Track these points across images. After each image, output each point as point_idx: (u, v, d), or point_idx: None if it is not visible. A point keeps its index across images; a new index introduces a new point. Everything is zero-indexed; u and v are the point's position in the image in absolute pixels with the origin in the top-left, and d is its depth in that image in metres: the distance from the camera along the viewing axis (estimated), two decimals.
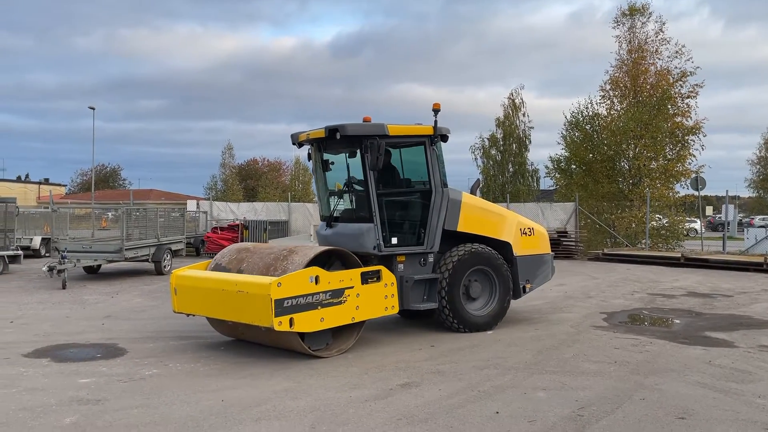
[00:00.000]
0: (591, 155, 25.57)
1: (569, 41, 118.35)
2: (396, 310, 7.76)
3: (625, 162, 25.54)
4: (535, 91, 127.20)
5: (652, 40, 26.40)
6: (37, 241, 22.25)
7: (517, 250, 9.21)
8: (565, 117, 26.64)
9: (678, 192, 26.18)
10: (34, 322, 9.62)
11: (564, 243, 22.57)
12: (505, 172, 39.61)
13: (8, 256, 16.87)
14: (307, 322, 6.68)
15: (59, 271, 13.64)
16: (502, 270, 8.83)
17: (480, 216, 8.97)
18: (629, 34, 26.87)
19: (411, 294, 8.10)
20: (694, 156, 25.21)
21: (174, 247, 17.99)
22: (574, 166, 26.85)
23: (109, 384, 6.12)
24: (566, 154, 26.74)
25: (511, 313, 10.20)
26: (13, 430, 4.84)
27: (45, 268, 14.14)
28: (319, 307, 6.78)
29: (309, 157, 9.11)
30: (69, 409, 5.32)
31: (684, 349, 7.66)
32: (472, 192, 9.92)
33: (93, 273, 16.32)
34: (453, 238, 8.63)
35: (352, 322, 7.24)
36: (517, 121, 39.74)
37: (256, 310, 6.56)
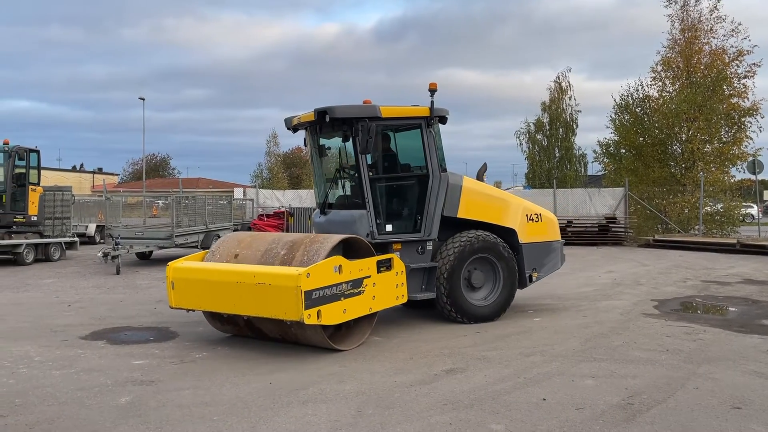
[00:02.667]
0: (641, 139, 24.87)
1: (619, 21, 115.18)
2: (405, 299, 7.45)
3: (677, 145, 24.75)
4: (584, 74, 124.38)
5: (707, 19, 25.39)
6: (92, 229, 23.04)
7: (523, 237, 8.80)
8: (614, 100, 25.96)
9: (734, 176, 25.28)
10: (90, 305, 9.99)
11: (613, 229, 22.10)
12: (552, 158, 38.89)
13: (65, 243, 17.53)
14: (333, 314, 6.39)
15: (113, 257, 14.10)
16: (506, 258, 8.42)
17: (482, 201, 8.58)
18: (682, 13, 25.88)
19: (409, 283, 7.64)
20: (751, 138, 24.25)
21: (222, 234, 18.35)
22: (624, 151, 26.19)
23: (162, 366, 6.30)
24: (615, 138, 26.08)
25: (557, 300, 10.07)
26: (72, 408, 5.04)
27: (100, 254, 14.66)
28: (342, 298, 6.48)
29: (305, 142, 8.84)
30: (124, 390, 5.50)
31: (740, 337, 7.40)
32: (479, 177, 9.52)
33: (145, 259, 16.83)
34: (454, 225, 8.30)
35: (369, 313, 6.96)
36: (564, 105, 38.93)
37: (282, 303, 6.17)
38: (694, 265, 15.22)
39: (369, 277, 6.81)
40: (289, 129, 8.60)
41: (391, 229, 7.86)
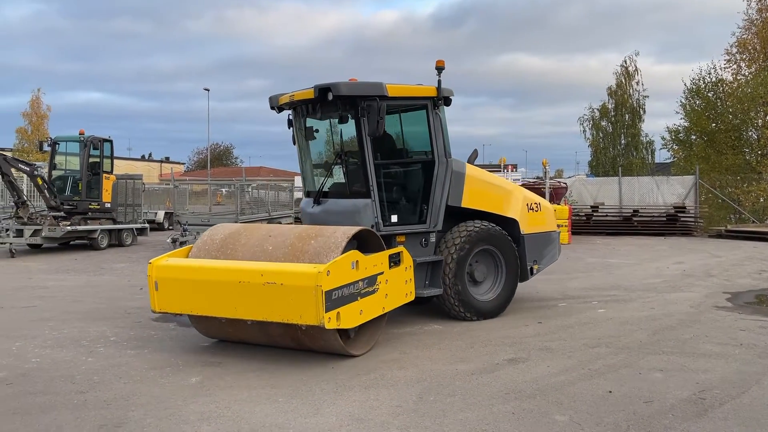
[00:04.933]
0: (714, 125, 23.85)
1: (691, 1, 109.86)
2: (413, 296, 6.75)
3: (753, 131, 23.62)
4: (653, 57, 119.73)
5: None
6: (160, 215, 23.92)
7: (525, 228, 8.28)
8: (685, 84, 24.94)
9: None
10: None
11: (682, 219, 21.27)
12: (617, 145, 37.79)
13: (136, 229, 18.27)
14: (351, 315, 5.66)
15: (181, 243, 14.62)
16: (509, 250, 7.93)
17: (485, 190, 8.03)
18: None
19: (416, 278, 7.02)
20: None
21: (284, 221, 18.72)
22: (695, 137, 25.18)
23: (228, 349, 6.48)
24: (686, 123, 25.13)
25: (623, 292, 9.80)
26: (146, 386, 5.27)
27: (169, 240, 15.24)
28: (359, 298, 5.75)
29: (289, 124, 7.93)
30: (193, 370, 5.71)
31: None
32: (469, 163, 8.85)
33: None
34: (453, 215, 7.69)
35: (382, 313, 6.24)
36: (631, 90, 37.73)
37: (297, 305, 5.35)
38: None
39: (382, 273, 6.12)
40: (273, 108, 7.81)
41: (396, 220, 7.26)
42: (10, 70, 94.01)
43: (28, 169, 16.16)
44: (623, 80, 37.86)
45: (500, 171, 23.92)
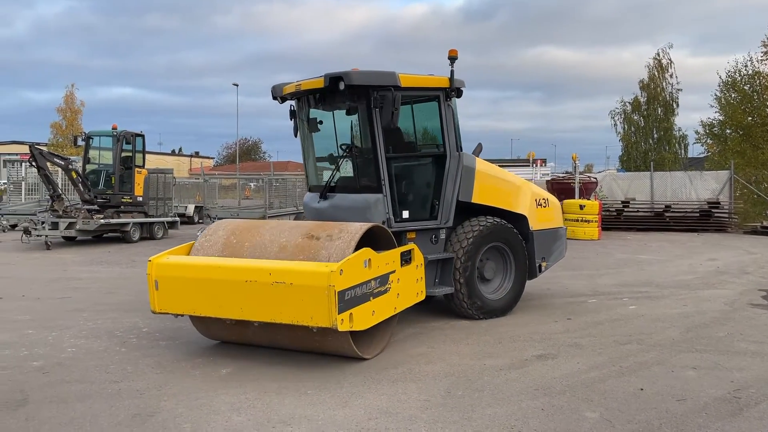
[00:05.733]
0: (750, 118, 23.28)
1: None
2: (424, 295, 6.53)
3: None
4: (687, 49, 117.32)
5: None
6: (191, 209, 24.24)
7: (533, 224, 8.06)
8: (720, 77, 24.38)
9: None
10: None
11: (716, 215, 20.81)
12: (649, 139, 37.16)
13: (167, 222, 18.55)
14: (363, 316, 5.40)
15: None
16: (518, 247, 7.71)
17: (495, 185, 7.79)
18: None
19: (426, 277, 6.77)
20: None
21: None
22: (730, 131, 24.63)
23: None
24: (721, 117, 24.56)
25: (654, 288, 9.64)
26: (177, 377, 5.36)
27: (199, 233, 15.43)
28: (371, 298, 5.50)
29: (291, 115, 7.63)
30: (224, 362, 5.79)
31: None
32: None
33: None
34: (460, 211, 7.44)
35: (394, 313, 5.99)
36: (664, 83, 37.02)
37: (308, 306, 5.10)
38: None
39: (394, 272, 5.87)
40: (275, 98, 7.51)
41: (407, 216, 7.00)
42: (45, 66, 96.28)
43: (63, 163, 16.51)
44: (656, 73, 37.16)
45: (529, 165, 23.69)
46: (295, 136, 7.73)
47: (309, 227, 6.04)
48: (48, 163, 15.93)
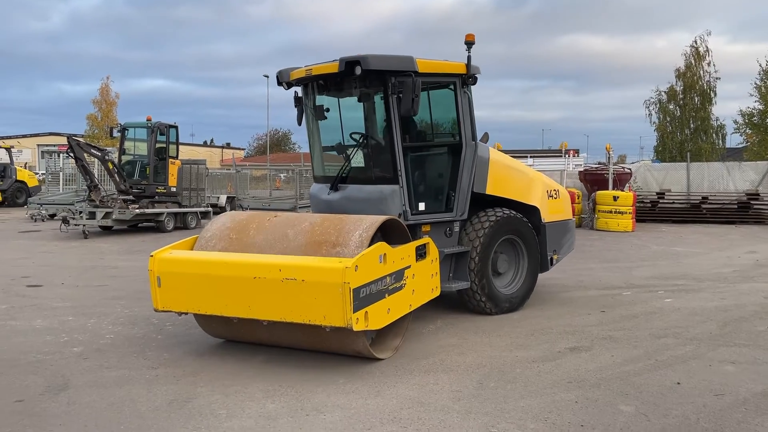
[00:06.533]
0: None
1: None
2: (438, 291, 6.26)
3: None
4: (726, 36, 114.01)
5: None
6: (223, 199, 24.49)
7: (545, 216, 7.83)
8: (760, 65, 23.69)
9: None
10: None
11: (755, 207, 20.26)
12: (685, 129, 36.30)
13: (200, 212, 18.81)
14: (379, 315, 5.12)
15: None
16: (531, 240, 7.52)
17: (509, 176, 7.56)
18: None
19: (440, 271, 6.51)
20: None
21: None
22: None
23: None
24: (760, 106, 23.89)
25: (691, 281, 9.45)
26: (212, 364, 5.46)
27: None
28: (387, 295, 5.22)
29: (297, 102, 7.28)
30: (258, 349, 5.85)
31: None
32: None
33: None
34: (473, 203, 7.17)
35: (409, 311, 5.72)
36: (701, 72, 36.10)
37: (320, 304, 4.82)
38: None
39: (409, 267, 5.59)
40: (281, 83, 7.13)
41: (423, 208, 6.72)
42: (80, 59, 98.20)
43: (99, 154, 16.83)
44: (693, 61, 36.26)
45: (561, 156, 23.38)
46: (299, 124, 7.43)
47: (320, 220, 5.72)
48: (85, 154, 16.26)
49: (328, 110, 7.07)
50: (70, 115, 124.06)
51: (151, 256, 5.57)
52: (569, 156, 24.52)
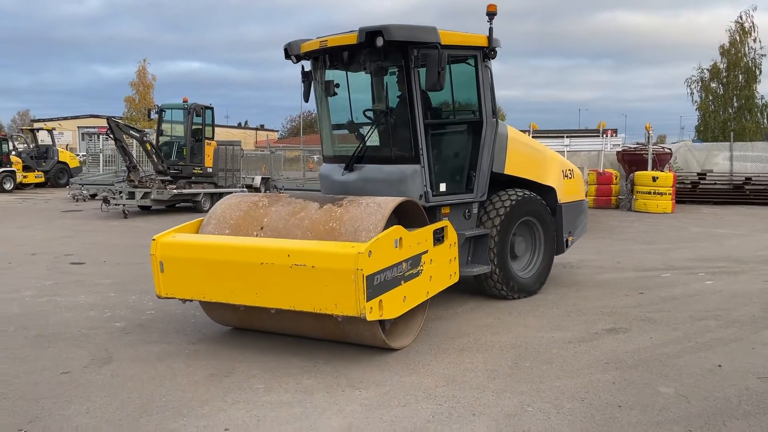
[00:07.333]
0: None
1: None
2: (457, 277, 5.89)
3: None
4: None
5: None
6: (257, 180, 24.74)
7: (561, 197, 7.57)
8: None
9: None
10: None
11: None
12: (728, 108, 35.19)
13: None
14: (394, 303, 4.82)
15: None
16: (548, 221, 7.29)
17: (527, 154, 7.28)
18: None
19: (459, 256, 6.12)
20: None
21: None
22: None
23: None
24: None
25: (733, 263, 9.23)
26: (250, 340, 5.54)
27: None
28: (402, 282, 4.90)
29: (305, 77, 6.83)
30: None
31: None
32: None
33: None
34: (490, 183, 6.90)
35: (426, 299, 5.41)
36: (746, 49, 34.86)
37: (331, 292, 4.53)
38: None
39: (426, 252, 5.24)
40: (289, 57, 6.68)
41: (444, 189, 6.41)
42: (116, 41, 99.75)
43: (138, 135, 17.14)
44: (738, 38, 34.99)
45: (598, 136, 22.92)
46: (306, 100, 7.01)
47: (331, 202, 5.41)
48: (124, 135, 16.58)
49: (338, 85, 6.69)
50: (108, 97, 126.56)
51: (153, 239, 5.28)
52: (607, 136, 23.99)
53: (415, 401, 4.21)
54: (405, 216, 5.49)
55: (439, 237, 5.47)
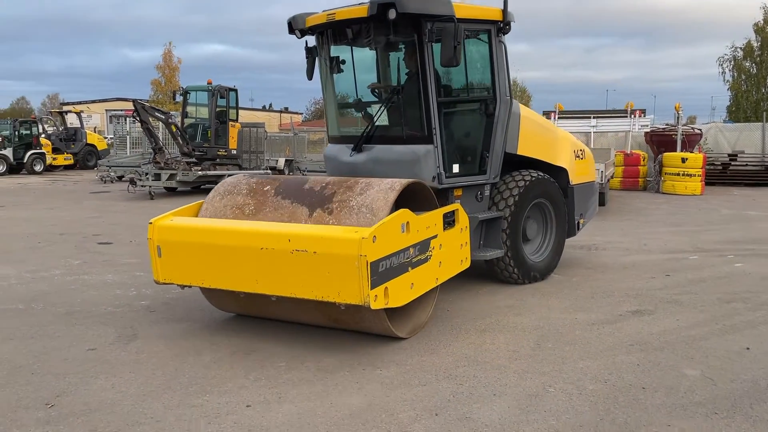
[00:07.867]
0: None
1: None
2: (468, 262, 5.65)
3: None
4: None
5: None
6: (281, 162, 24.85)
7: (573, 178, 7.35)
8: None
9: None
10: None
11: None
12: (762, 88, 34.25)
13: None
14: (400, 291, 4.58)
15: None
16: (560, 203, 7.08)
17: (539, 134, 7.02)
18: None
19: (471, 240, 5.87)
20: None
21: None
22: None
23: None
24: None
25: (763, 246, 9.02)
26: (273, 320, 5.58)
27: None
28: (410, 268, 4.67)
29: (309, 52, 6.55)
30: None
31: None
32: None
33: None
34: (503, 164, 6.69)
35: (435, 285, 5.15)
36: None
37: (334, 279, 4.31)
38: None
39: (436, 237, 5.00)
40: (293, 31, 6.37)
41: (458, 171, 6.14)
42: (143, 24, 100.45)
43: (163, 117, 17.30)
44: None
45: (626, 116, 22.48)
46: (310, 78, 6.69)
47: (335, 183, 5.15)
48: (150, 118, 16.75)
49: (344, 62, 6.38)
50: (135, 80, 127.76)
51: (150, 223, 5.05)
52: (635, 117, 23.53)
53: (436, 380, 4.21)
54: (414, 199, 5.23)
55: (449, 221, 5.26)
